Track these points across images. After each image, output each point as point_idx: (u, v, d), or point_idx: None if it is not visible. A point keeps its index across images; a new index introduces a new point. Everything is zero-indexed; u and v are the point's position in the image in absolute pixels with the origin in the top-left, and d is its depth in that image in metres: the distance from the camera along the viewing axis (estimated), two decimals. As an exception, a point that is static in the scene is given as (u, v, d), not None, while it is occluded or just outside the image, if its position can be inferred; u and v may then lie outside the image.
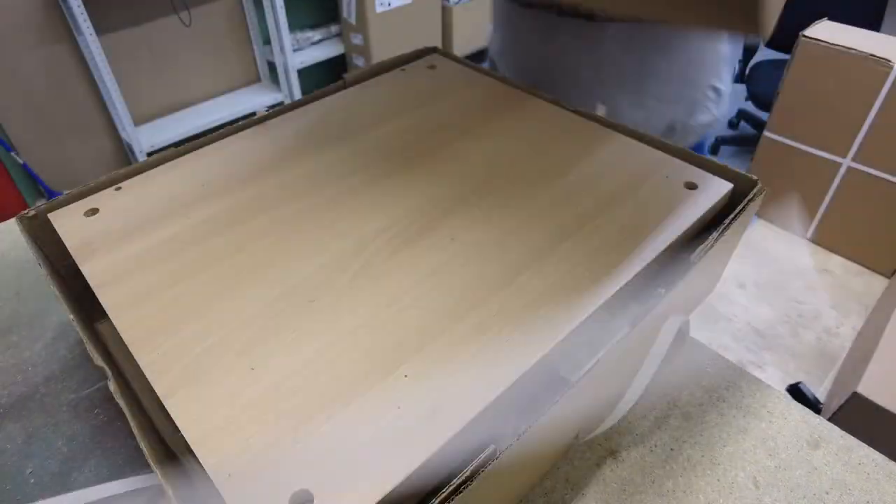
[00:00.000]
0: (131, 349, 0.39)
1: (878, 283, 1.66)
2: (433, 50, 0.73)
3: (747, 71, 2.14)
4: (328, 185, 0.52)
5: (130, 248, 0.46)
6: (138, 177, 0.54)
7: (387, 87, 0.66)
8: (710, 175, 0.52)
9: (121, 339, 0.40)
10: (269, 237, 0.47)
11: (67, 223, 0.49)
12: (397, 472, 0.32)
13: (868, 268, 1.70)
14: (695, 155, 0.54)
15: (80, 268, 0.45)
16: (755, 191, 0.49)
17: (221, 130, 0.58)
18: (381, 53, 2.28)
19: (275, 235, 0.47)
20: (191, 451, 0.42)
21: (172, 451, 0.43)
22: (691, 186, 0.51)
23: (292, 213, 0.49)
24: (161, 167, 0.55)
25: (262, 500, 0.31)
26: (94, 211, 0.50)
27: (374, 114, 0.62)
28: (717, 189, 0.51)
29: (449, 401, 0.35)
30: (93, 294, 0.43)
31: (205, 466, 0.33)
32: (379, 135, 0.58)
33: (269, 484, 0.31)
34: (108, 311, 0.41)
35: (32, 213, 0.49)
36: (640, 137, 0.57)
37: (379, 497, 0.31)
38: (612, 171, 0.53)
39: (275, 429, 0.34)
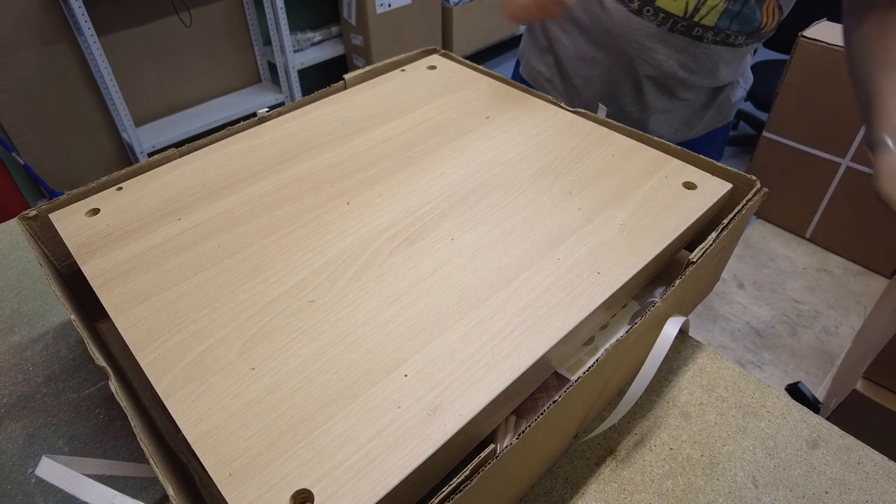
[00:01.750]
0: (132, 349, 0.39)
1: (876, 283, 1.66)
2: (433, 51, 0.73)
3: (747, 71, 2.13)
4: (328, 186, 0.52)
5: (131, 248, 0.46)
6: (139, 177, 0.54)
7: (387, 87, 0.67)
8: (709, 175, 0.52)
9: (121, 338, 0.40)
10: (268, 238, 0.47)
11: (69, 224, 0.49)
12: (397, 471, 0.32)
13: (866, 268, 1.70)
14: (693, 155, 0.54)
15: (81, 268, 0.45)
16: (754, 191, 0.49)
17: (222, 131, 0.58)
18: (381, 54, 2.28)
19: (274, 236, 0.47)
20: (191, 451, 0.42)
21: (173, 450, 0.43)
22: (690, 186, 0.51)
23: (292, 214, 0.49)
24: (161, 167, 0.55)
25: (263, 499, 0.31)
26: (95, 211, 0.50)
27: (374, 114, 0.62)
28: (715, 189, 0.51)
29: (449, 401, 0.35)
30: (93, 294, 0.43)
31: (205, 465, 0.33)
32: (378, 135, 0.59)
33: (270, 483, 0.32)
34: (108, 311, 0.42)
35: (33, 213, 0.49)
36: (639, 138, 0.57)
37: (379, 497, 0.31)
38: (612, 172, 0.53)
39: (275, 428, 0.34)
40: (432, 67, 0.70)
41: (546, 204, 0.50)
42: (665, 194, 0.51)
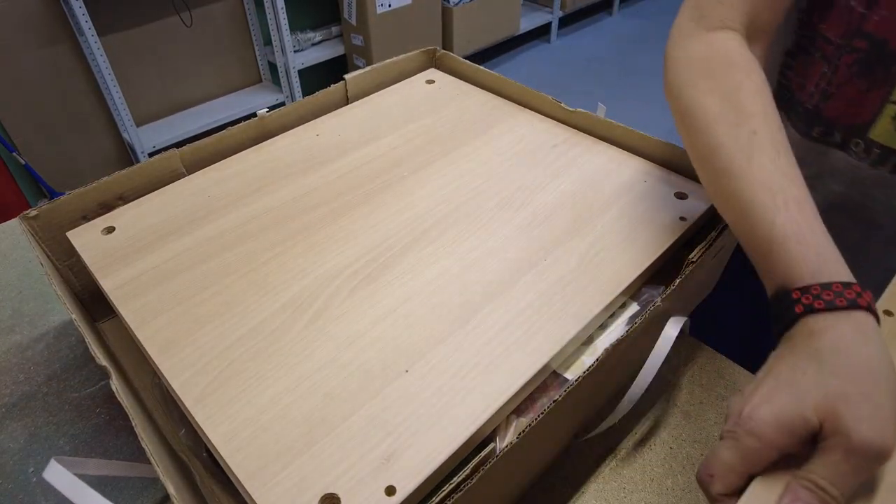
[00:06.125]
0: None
1: (878, 283, 1.65)
2: (433, 51, 0.73)
3: (747, 71, 2.13)
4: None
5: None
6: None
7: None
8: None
9: (121, 338, 0.40)
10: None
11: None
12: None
13: (868, 268, 1.70)
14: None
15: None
16: (754, 191, 0.49)
17: (222, 132, 0.58)
18: (381, 54, 2.28)
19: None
20: (192, 450, 0.42)
21: (174, 449, 0.43)
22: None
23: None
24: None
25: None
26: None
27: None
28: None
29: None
30: (93, 294, 0.43)
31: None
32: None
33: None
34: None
35: (34, 213, 0.49)
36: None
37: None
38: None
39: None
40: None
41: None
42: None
